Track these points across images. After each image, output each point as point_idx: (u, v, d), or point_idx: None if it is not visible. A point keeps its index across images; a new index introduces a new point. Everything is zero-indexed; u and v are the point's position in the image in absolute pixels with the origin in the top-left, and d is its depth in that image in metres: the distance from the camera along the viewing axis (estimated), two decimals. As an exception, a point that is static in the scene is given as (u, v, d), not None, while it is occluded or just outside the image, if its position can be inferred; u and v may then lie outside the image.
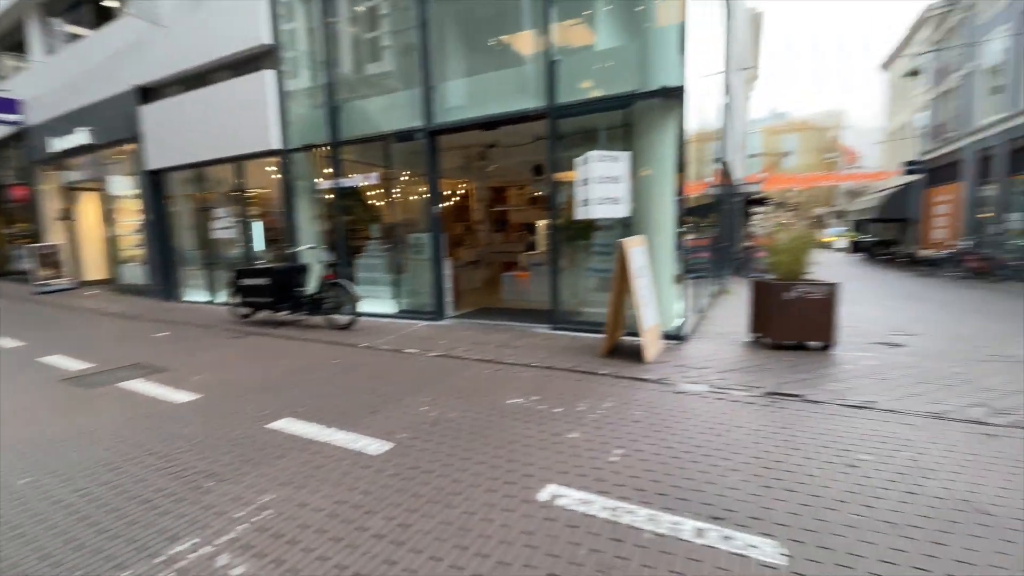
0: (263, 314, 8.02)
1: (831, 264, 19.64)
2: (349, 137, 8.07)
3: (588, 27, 6.85)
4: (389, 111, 7.75)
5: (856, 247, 25.94)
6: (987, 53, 15.86)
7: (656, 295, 5.47)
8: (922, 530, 2.10)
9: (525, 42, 6.88)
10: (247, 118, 8.83)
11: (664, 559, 1.99)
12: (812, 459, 2.77)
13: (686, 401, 3.82)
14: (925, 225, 19.26)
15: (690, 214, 10.74)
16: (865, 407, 3.54)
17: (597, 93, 6.14)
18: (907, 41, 23.30)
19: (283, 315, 7.74)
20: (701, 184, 10.48)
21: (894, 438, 3.01)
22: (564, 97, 6.25)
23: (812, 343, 5.22)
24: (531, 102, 6.47)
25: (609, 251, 6.30)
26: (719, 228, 11.71)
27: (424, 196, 7.58)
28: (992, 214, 15.01)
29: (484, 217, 13.59)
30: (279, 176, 8.94)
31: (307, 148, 8.58)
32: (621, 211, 5.70)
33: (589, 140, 6.63)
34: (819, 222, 42.41)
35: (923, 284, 12.13)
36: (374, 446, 3.16)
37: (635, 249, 5.07)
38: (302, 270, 7.63)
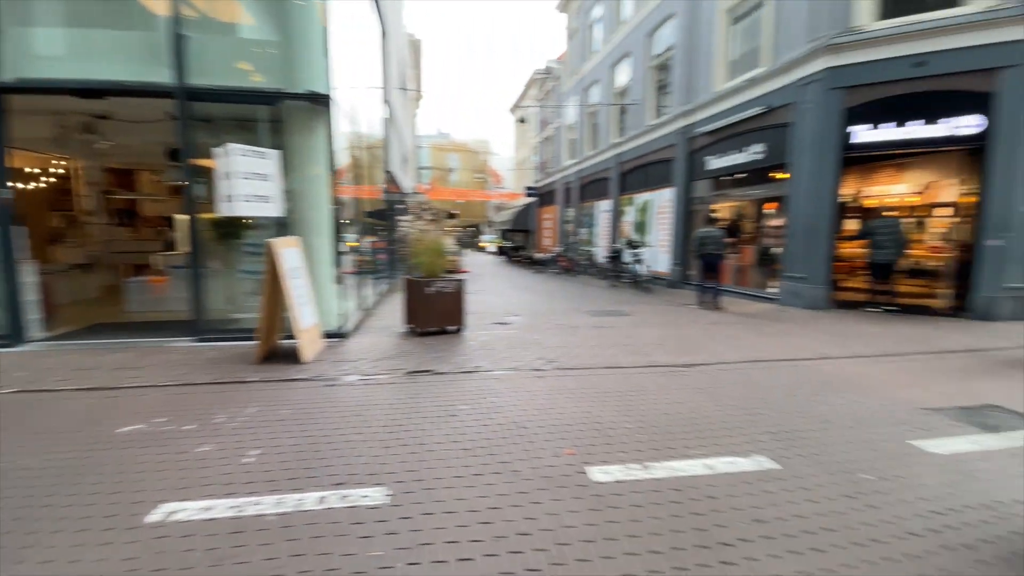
0: None
1: (481, 264, 23.87)
2: None
3: (228, 10, 6.31)
4: None
5: (501, 251, 32.29)
6: (567, 114, 22.38)
7: (315, 295, 5.56)
8: (484, 448, 2.98)
9: (149, 3, 5.79)
10: None
11: (283, 532, 2.16)
12: (427, 417, 3.47)
13: (336, 392, 4.09)
14: (539, 235, 25.75)
15: (371, 217, 11.27)
16: (474, 371, 4.63)
17: (238, 83, 5.75)
18: (524, 94, 30.50)
19: None
20: (373, 190, 11.10)
21: (485, 390, 4.08)
22: (198, 79, 5.58)
23: (450, 328, 6.35)
24: (153, 76, 5.52)
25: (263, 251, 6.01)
26: (392, 232, 12.64)
27: (-23, 173, 5.41)
28: (572, 229, 21.34)
29: (100, 206, 10.57)
30: None
31: None
32: (273, 210, 5.55)
33: (241, 129, 6.15)
34: (473, 230, 50.64)
35: (535, 278, 16.21)
36: None
37: (287, 250, 5.04)
38: None
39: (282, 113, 5.97)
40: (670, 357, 5.31)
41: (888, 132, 7.81)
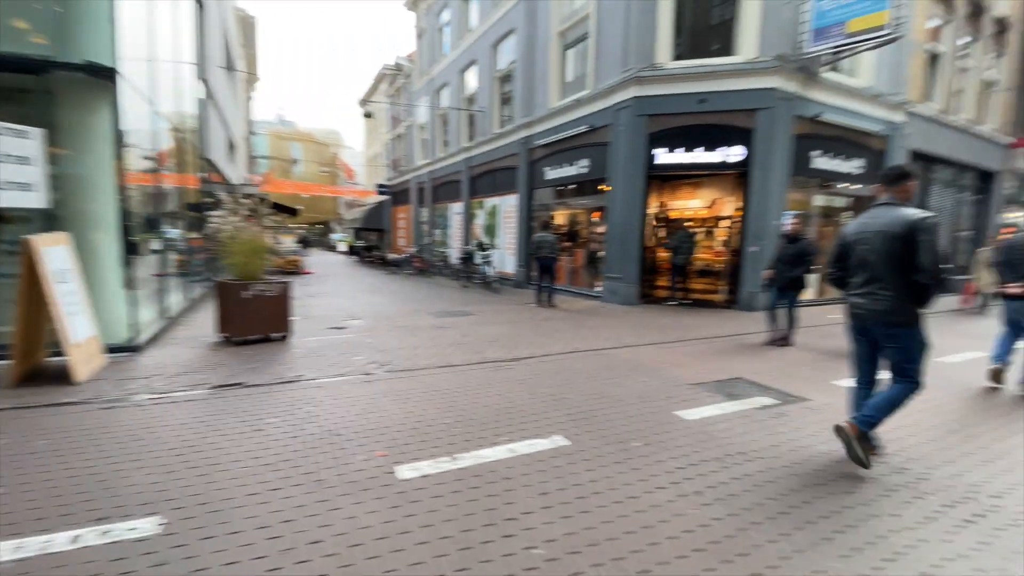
0: None
1: (330, 265, 22.50)
2: None
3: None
4: None
5: (352, 251, 30.73)
6: (419, 113, 22.21)
7: (94, 303, 4.70)
8: (288, 461, 2.86)
9: None
10: None
11: (11, 586, 1.83)
12: (226, 435, 3.20)
13: (114, 415, 3.53)
14: (393, 235, 25.14)
15: (192, 210, 9.75)
16: (293, 381, 4.38)
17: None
18: (374, 88, 29.47)
19: None
20: (187, 179, 9.71)
21: (303, 400, 3.89)
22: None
23: (274, 335, 5.89)
24: None
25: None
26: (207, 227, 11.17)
27: None
28: (427, 229, 21.28)
29: None
30: None
31: None
32: (35, 200, 4.58)
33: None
34: (323, 228, 47.43)
35: (387, 280, 15.82)
36: None
37: (51, 248, 4.19)
38: None
39: (51, 85, 4.95)
40: (501, 353, 5.65)
41: (680, 156, 9.32)
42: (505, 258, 14.40)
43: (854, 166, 10.40)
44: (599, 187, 10.69)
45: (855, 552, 2.21)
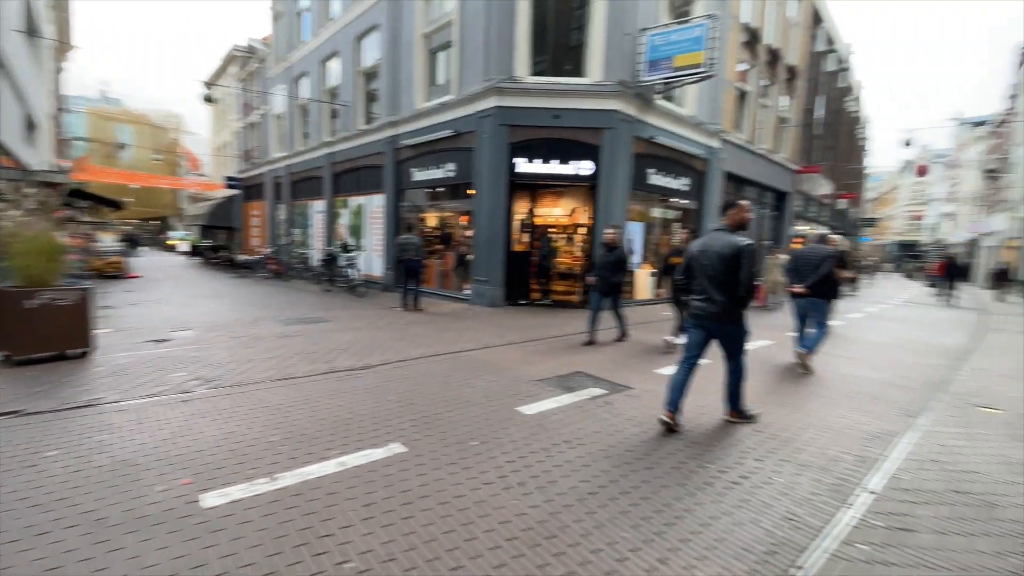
0: None
1: (166, 267, 19.64)
2: None
3: None
4: None
5: (196, 251, 27.09)
6: (276, 102, 20.39)
7: None
8: (64, 499, 2.43)
9: None
10: None
11: None
12: (-22, 477, 2.63)
13: None
14: (245, 233, 22.76)
15: None
16: (88, 406, 3.75)
17: None
18: (222, 70, 26.39)
19: None
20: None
21: (96, 427, 3.35)
22: None
23: (72, 351, 4.97)
24: None
25: None
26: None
27: None
28: (285, 228, 19.63)
29: None
30: None
31: None
32: None
33: None
34: (158, 224, 41.26)
35: (233, 284, 14.23)
36: None
37: None
38: None
39: None
40: (352, 361, 5.44)
41: (539, 167, 9.88)
42: (372, 260, 13.91)
43: (682, 183, 11.99)
44: (467, 191, 10.87)
45: (644, 521, 2.55)
